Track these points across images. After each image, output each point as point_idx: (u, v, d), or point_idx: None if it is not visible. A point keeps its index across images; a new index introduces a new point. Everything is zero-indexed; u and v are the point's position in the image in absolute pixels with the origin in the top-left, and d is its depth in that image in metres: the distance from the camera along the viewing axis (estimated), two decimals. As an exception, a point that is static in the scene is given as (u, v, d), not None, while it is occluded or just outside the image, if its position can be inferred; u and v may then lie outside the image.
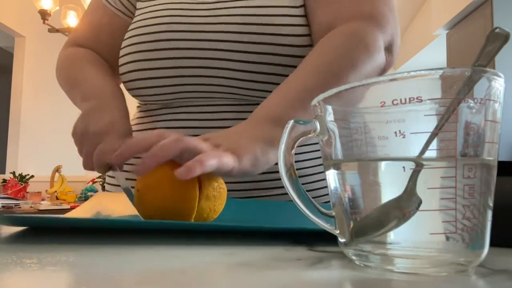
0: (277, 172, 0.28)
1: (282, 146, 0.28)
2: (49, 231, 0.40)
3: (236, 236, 0.38)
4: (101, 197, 0.62)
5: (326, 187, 0.69)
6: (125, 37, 0.71)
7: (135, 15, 0.73)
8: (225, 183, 0.49)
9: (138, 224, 0.40)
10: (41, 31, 3.62)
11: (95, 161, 0.55)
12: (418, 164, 0.23)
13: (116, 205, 0.56)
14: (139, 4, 0.75)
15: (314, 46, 0.63)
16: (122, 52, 0.70)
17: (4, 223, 0.41)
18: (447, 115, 0.23)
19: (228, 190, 0.65)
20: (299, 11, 0.66)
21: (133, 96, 0.72)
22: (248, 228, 0.37)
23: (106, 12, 0.77)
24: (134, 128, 0.74)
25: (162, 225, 0.40)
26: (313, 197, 0.28)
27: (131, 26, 0.71)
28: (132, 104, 0.83)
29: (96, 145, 0.56)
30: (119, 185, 0.73)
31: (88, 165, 0.58)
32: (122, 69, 0.70)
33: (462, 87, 0.23)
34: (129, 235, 0.38)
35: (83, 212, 0.52)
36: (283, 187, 0.29)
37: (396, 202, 0.23)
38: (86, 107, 0.64)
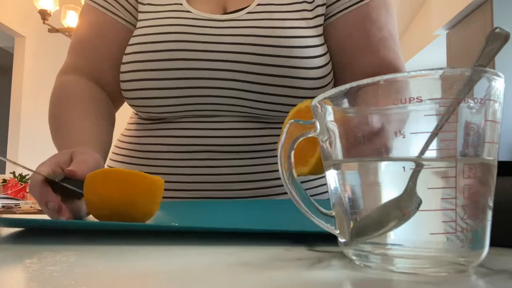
0: (277, 170, 0.28)
1: (282, 146, 0.28)
2: (49, 231, 0.40)
3: (236, 236, 0.38)
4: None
5: (325, 184, 0.70)
6: (128, 51, 0.67)
7: (138, 26, 0.68)
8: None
9: (137, 226, 0.40)
10: (41, 31, 3.63)
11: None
12: (418, 164, 0.23)
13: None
14: (141, 15, 0.70)
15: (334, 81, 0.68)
16: (125, 68, 0.67)
17: (2, 225, 0.41)
18: (447, 115, 0.23)
19: (228, 190, 0.65)
20: (313, 33, 0.67)
21: (135, 109, 0.70)
22: (248, 230, 0.37)
23: (104, 20, 0.71)
24: (130, 140, 0.72)
25: (161, 227, 0.40)
26: (311, 195, 0.29)
27: (135, 40, 0.67)
28: (124, 112, 0.81)
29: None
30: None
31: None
32: (125, 85, 0.67)
33: (462, 87, 0.23)
34: (129, 235, 0.38)
35: None
36: (282, 185, 0.30)
37: (396, 202, 0.23)
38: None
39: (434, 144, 0.23)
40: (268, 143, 0.66)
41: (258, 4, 0.67)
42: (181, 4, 0.68)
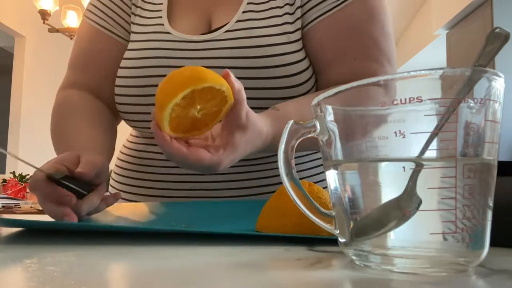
0: (277, 168, 0.28)
1: (282, 146, 0.28)
2: (49, 231, 0.40)
3: (236, 236, 0.38)
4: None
5: (323, 179, 0.69)
6: (119, 75, 0.68)
7: (128, 47, 0.70)
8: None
9: (137, 228, 0.40)
10: (41, 31, 3.63)
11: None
12: (418, 164, 0.23)
13: (116, 210, 0.56)
14: (132, 35, 0.71)
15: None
16: (117, 91, 0.68)
17: (2, 226, 0.41)
18: (447, 115, 0.23)
19: (227, 189, 0.65)
20: (295, 48, 0.64)
21: (131, 126, 0.72)
22: (249, 234, 0.38)
23: (101, 38, 0.72)
24: (130, 152, 0.73)
25: (160, 229, 0.40)
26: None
27: (124, 63, 0.68)
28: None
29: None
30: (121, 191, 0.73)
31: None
32: (117, 105, 0.69)
33: (462, 87, 0.23)
34: (129, 235, 0.38)
35: None
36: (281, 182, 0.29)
37: (396, 202, 0.23)
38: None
39: (434, 144, 0.23)
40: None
41: (237, 21, 0.65)
42: (163, 25, 0.68)
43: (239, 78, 0.60)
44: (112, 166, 0.77)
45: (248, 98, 0.61)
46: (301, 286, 0.22)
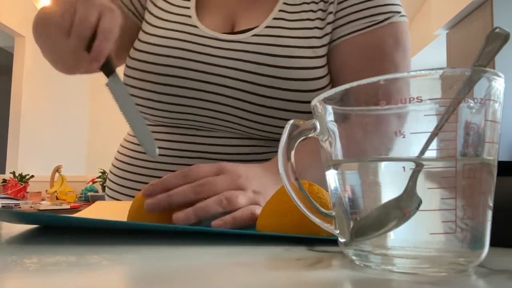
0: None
1: (282, 146, 0.28)
2: (49, 231, 0.40)
3: (236, 236, 0.38)
4: (100, 206, 0.61)
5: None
6: (134, 57, 0.67)
7: (147, 31, 0.68)
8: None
9: (137, 226, 0.40)
10: (41, 31, 3.62)
11: (75, 30, 0.49)
12: (418, 164, 0.23)
13: (115, 213, 0.56)
14: (151, 18, 0.69)
15: None
16: (128, 72, 0.67)
17: (8, 220, 0.41)
18: (447, 115, 0.23)
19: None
20: (320, 64, 0.63)
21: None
22: (249, 234, 0.38)
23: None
24: (131, 146, 0.73)
25: (160, 227, 0.40)
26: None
27: (141, 47, 0.66)
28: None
29: (95, 11, 0.49)
30: (118, 194, 0.72)
31: (85, 28, 0.49)
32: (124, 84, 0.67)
33: (462, 87, 0.23)
34: (128, 236, 0.38)
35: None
36: None
37: (396, 202, 0.23)
38: None
39: (434, 144, 0.23)
40: (260, 159, 0.66)
41: (266, 27, 0.64)
42: (190, 17, 0.67)
43: (258, 85, 0.62)
44: (108, 167, 0.76)
45: (260, 105, 0.62)
46: (301, 286, 0.22)
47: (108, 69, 0.50)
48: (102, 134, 4.58)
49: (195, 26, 0.66)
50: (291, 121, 0.28)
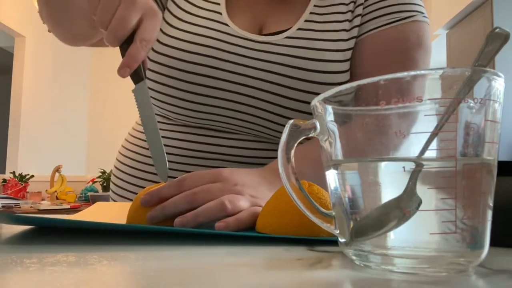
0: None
1: (282, 146, 0.28)
2: (49, 231, 0.40)
3: (236, 236, 0.38)
4: (99, 207, 0.61)
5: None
6: (158, 51, 0.64)
7: (174, 25, 0.65)
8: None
9: (136, 227, 0.40)
10: (41, 31, 3.62)
11: (112, 29, 0.45)
12: (418, 164, 0.23)
13: (115, 214, 0.56)
14: (178, 11, 0.66)
15: None
16: (152, 67, 0.65)
17: (5, 222, 0.41)
18: (447, 115, 0.23)
19: None
20: (346, 68, 0.63)
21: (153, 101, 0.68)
22: (249, 234, 0.38)
23: None
24: (138, 142, 0.71)
25: (159, 229, 0.40)
26: None
27: (167, 41, 0.64)
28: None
29: (136, 13, 0.45)
30: (123, 196, 0.72)
31: (121, 32, 0.45)
32: (149, 83, 0.65)
33: (462, 87, 0.23)
34: (128, 236, 0.38)
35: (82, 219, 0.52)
36: None
37: (396, 202, 0.23)
38: None
39: (434, 144, 0.23)
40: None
41: (298, 29, 0.64)
42: (221, 14, 0.65)
43: (287, 87, 0.61)
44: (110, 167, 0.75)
45: (286, 108, 0.61)
46: (301, 286, 0.22)
47: (137, 76, 0.48)
48: (102, 134, 4.58)
49: (226, 25, 0.65)
50: (291, 121, 0.28)
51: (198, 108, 0.64)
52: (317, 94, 0.60)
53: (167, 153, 0.66)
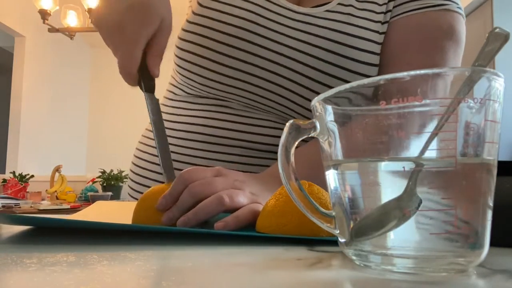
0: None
1: (282, 146, 0.28)
2: (49, 231, 0.40)
3: (236, 236, 0.38)
4: (100, 206, 0.62)
5: None
6: (194, 21, 0.64)
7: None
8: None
9: (137, 227, 0.40)
10: (41, 31, 3.63)
11: (128, 70, 0.50)
12: (418, 164, 0.23)
13: (115, 213, 0.56)
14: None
15: None
16: (186, 36, 0.64)
17: (5, 222, 0.41)
18: (447, 115, 0.23)
19: None
20: (379, 47, 0.62)
21: (179, 72, 0.68)
22: (249, 234, 0.38)
23: None
24: (146, 142, 0.71)
25: (159, 229, 0.40)
26: None
27: (205, 12, 0.64)
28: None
29: (137, 47, 0.50)
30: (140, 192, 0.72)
31: (126, 69, 0.51)
32: (179, 53, 0.65)
33: (462, 87, 0.23)
34: (128, 236, 0.38)
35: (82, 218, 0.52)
36: None
37: (396, 202, 0.23)
38: None
39: (434, 144, 0.23)
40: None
41: (339, 3, 0.63)
42: None
43: (324, 61, 0.59)
44: (127, 166, 0.74)
45: (318, 82, 0.60)
46: (301, 286, 0.22)
47: (148, 87, 0.51)
48: (102, 134, 4.58)
49: None
50: (291, 121, 0.28)
51: (230, 73, 0.62)
52: (350, 71, 0.59)
53: (186, 138, 0.65)
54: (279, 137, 0.67)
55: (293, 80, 0.62)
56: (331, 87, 0.60)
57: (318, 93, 0.60)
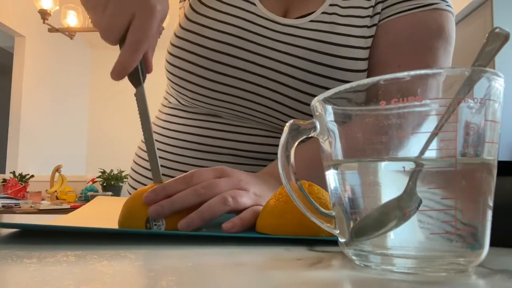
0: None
1: (282, 146, 0.28)
2: (49, 231, 0.40)
3: (236, 236, 0.38)
4: (100, 201, 0.61)
5: None
6: (182, 36, 0.64)
7: (200, 13, 0.65)
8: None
9: (136, 231, 0.40)
10: (41, 31, 3.63)
11: (103, 32, 0.44)
12: (418, 164, 0.23)
13: (116, 209, 0.56)
14: (202, 9, 0.66)
15: None
16: (175, 51, 0.65)
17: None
18: (447, 115, 0.23)
19: None
20: (367, 55, 0.62)
21: (171, 85, 0.68)
22: (249, 234, 0.38)
23: None
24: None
25: (160, 233, 0.40)
26: None
27: (195, 18, 0.64)
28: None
29: (125, 11, 0.43)
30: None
31: (111, 35, 0.44)
32: (169, 67, 0.66)
33: (462, 87, 0.23)
34: (128, 235, 0.38)
35: (82, 215, 0.52)
36: None
37: (396, 202, 0.23)
38: None
39: (434, 144, 0.23)
40: None
41: (323, 13, 0.63)
42: None
43: (309, 72, 0.59)
44: (128, 167, 0.75)
45: (303, 92, 0.60)
46: (301, 286, 0.22)
47: (135, 80, 0.47)
48: (102, 134, 4.58)
49: (254, 4, 0.64)
50: (291, 121, 0.28)
51: (218, 88, 0.63)
52: (337, 80, 0.59)
53: (179, 146, 0.65)
54: (270, 145, 0.67)
55: (281, 93, 0.62)
56: (309, 94, 0.60)
57: (307, 104, 0.61)
